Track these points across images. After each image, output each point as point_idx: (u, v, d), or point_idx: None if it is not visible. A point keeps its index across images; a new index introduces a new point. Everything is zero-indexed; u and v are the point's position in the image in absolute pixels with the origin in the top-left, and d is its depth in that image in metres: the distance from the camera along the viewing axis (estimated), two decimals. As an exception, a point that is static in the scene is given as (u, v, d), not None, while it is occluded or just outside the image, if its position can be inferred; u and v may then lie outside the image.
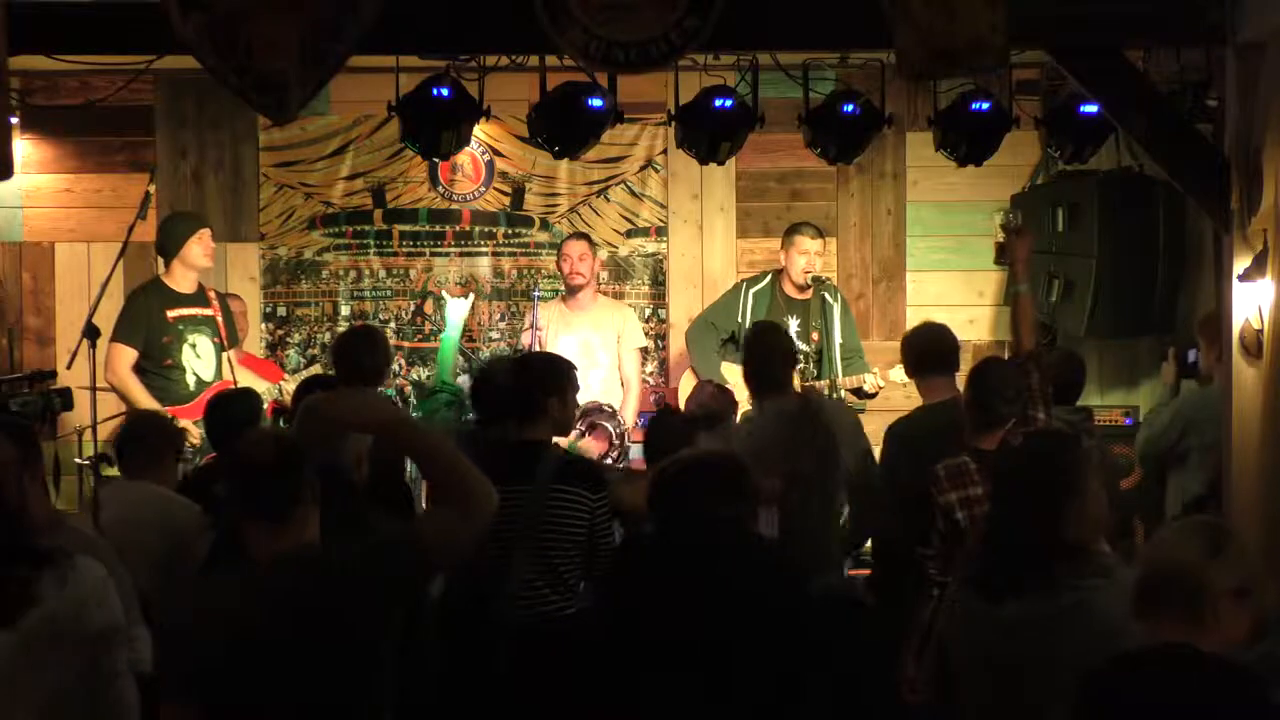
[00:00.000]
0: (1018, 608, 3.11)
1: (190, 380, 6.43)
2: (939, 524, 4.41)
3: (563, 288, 7.01)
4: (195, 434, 6.07)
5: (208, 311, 6.57)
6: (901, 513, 4.80)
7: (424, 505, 4.58)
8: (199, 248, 6.53)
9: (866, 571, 5.77)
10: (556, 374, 4.65)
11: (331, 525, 3.23)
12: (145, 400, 6.17)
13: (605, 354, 6.87)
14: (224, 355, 6.60)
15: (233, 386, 6.46)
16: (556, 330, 6.83)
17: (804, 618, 3.48)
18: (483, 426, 5.02)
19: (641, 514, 4.02)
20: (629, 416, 6.65)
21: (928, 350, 5.22)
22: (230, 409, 5.11)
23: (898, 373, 6.29)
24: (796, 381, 6.73)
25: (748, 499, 3.44)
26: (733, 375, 6.73)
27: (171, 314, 6.46)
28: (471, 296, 6.06)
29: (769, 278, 6.90)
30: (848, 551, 5.53)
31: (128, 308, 6.56)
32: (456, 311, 5.96)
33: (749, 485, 3.45)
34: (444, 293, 6.18)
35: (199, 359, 6.49)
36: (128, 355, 6.38)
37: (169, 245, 6.56)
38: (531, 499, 4.24)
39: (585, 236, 7.08)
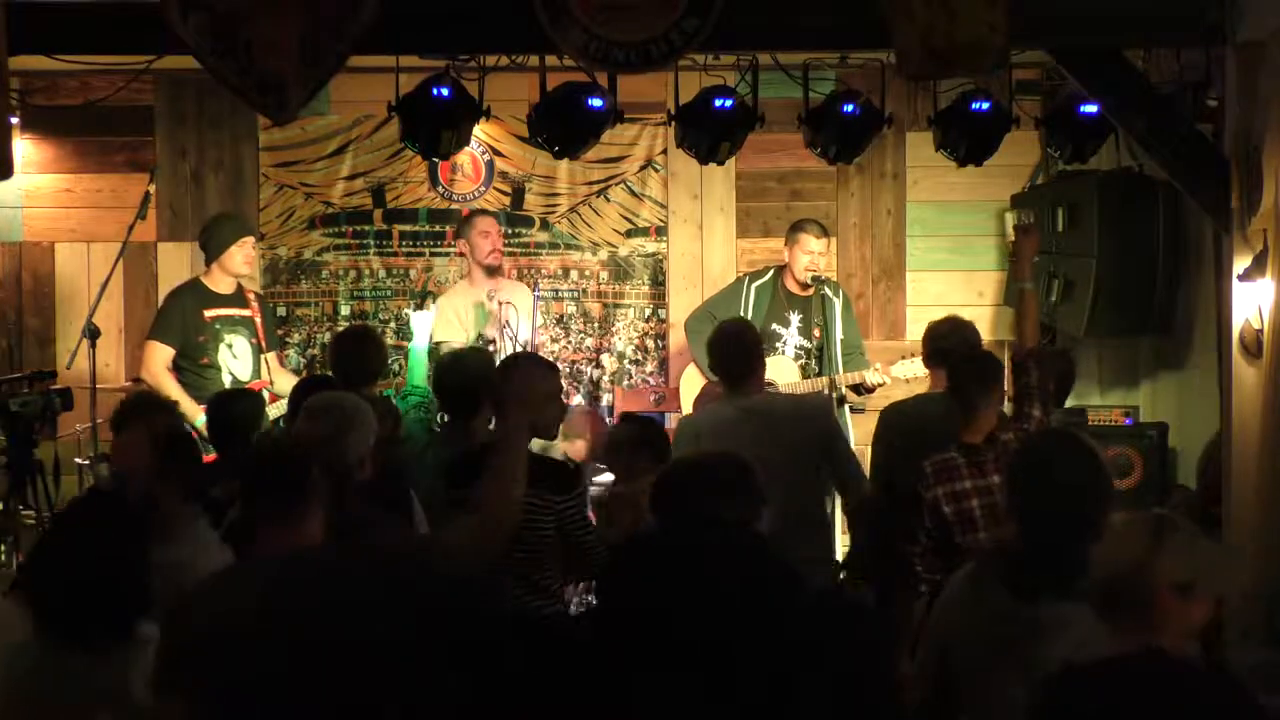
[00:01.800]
0: (1054, 607, 3.09)
1: (226, 379, 6.45)
2: (925, 520, 4.41)
3: (471, 272, 6.78)
4: None
5: (245, 312, 6.59)
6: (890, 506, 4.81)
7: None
8: (240, 255, 6.54)
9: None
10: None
11: (333, 525, 3.23)
12: (179, 397, 6.15)
13: (526, 334, 6.75)
14: (262, 356, 6.61)
15: (267, 386, 6.49)
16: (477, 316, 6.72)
17: (804, 618, 3.47)
18: (457, 422, 5.06)
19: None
20: None
21: (936, 343, 5.45)
22: (230, 409, 5.11)
23: (899, 368, 6.31)
24: (796, 374, 6.76)
25: (750, 499, 3.43)
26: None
27: (209, 314, 6.48)
28: (434, 308, 6.18)
29: (771, 273, 6.90)
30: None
31: (165, 307, 6.61)
32: (422, 324, 6.10)
33: (752, 485, 3.45)
34: (408, 311, 6.32)
35: (235, 359, 6.52)
36: (162, 353, 6.40)
37: (210, 247, 6.58)
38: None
39: (488, 211, 7.10)
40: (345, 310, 7.69)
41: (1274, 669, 2.88)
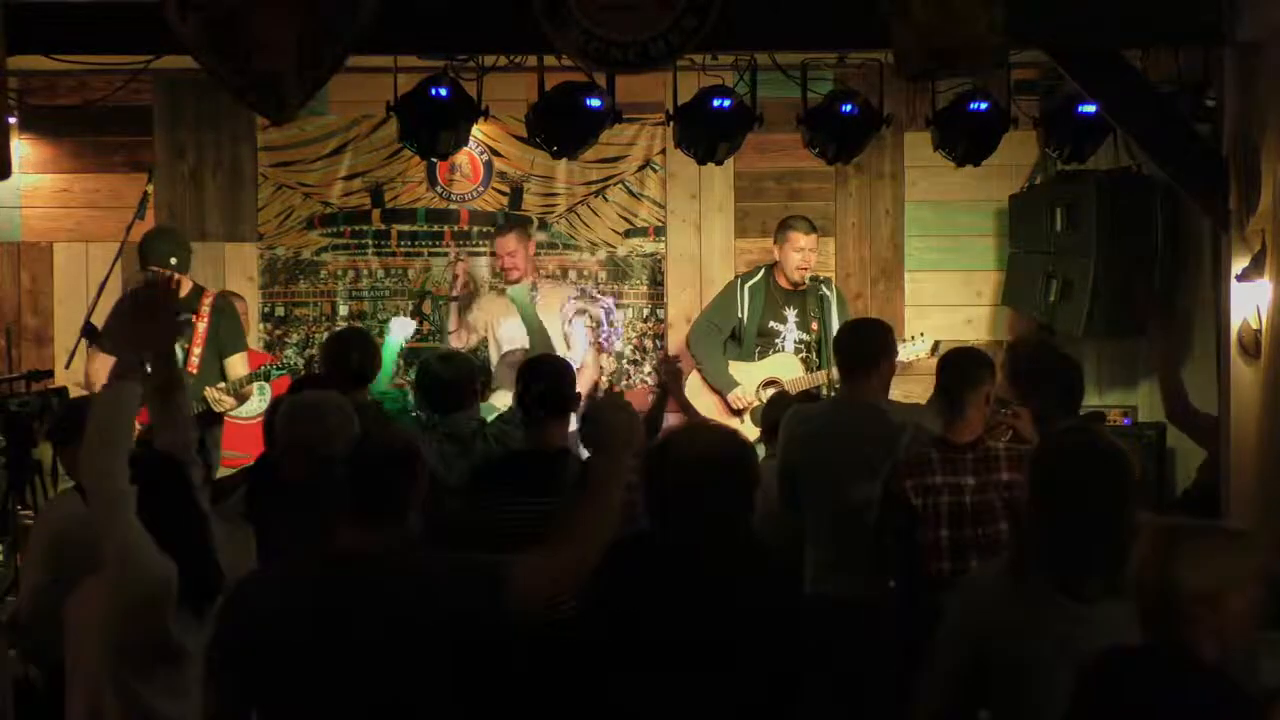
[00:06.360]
0: (1111, 607, 3.07)
1: None
2: (895, 513, 4.39)
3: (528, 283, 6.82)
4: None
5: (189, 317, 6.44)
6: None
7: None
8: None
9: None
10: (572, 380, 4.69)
11: (321, 522, 3.23)
12: None
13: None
14: (192, 358, 6.40)
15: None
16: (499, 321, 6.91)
17: (803, 618, 3.47)
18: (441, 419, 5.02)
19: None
20: None
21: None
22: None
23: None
24: (799, 368, 6.72)
25: (750, 497, 3.42)
26: (740, 375, 6.74)
27: None
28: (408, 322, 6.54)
29: (762, 271, 6.92)
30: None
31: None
32: (401, 329, 6.29)
33: (752, 483, 3.44)
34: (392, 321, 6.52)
35: None
36: (101, 360, 6.30)
37: (138, 256, 6.42)
38: (558, 510, 4.25)
39: (516, 225, 7.16)
40: (343, 310, 7.69)
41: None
